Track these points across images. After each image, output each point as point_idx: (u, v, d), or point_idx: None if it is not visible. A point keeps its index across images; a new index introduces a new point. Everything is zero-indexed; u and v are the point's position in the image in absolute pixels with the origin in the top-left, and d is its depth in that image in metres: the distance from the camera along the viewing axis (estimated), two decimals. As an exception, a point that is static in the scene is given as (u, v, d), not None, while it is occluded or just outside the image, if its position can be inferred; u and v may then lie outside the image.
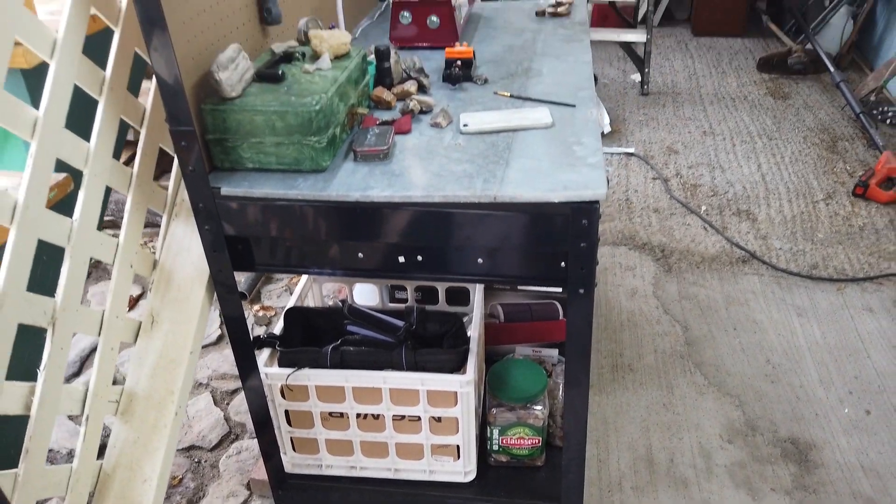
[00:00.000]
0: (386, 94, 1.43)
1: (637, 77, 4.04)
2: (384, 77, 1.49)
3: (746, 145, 3.31)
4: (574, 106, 1.40)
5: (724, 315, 2.23)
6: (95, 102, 1.10)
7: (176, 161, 1.25)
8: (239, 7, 1.29)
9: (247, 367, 1.37)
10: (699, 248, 2.57)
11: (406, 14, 1.76)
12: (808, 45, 3.99)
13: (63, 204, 1.10)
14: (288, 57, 1.30)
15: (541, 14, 2.02)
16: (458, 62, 1.57)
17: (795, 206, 2.81)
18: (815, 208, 2.79)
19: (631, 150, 3.31)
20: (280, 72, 1.21)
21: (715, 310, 2.25)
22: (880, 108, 3.40)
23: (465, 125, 1.33)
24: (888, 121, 3.35)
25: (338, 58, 1.33)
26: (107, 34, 1.13)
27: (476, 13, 2.08)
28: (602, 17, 4.58)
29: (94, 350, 1.24)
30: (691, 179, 3.05)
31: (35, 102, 1.01)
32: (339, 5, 1.54)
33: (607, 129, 3.49)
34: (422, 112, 1.42)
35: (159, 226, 1.38)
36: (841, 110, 3.58)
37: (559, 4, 2.04)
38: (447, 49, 1.58)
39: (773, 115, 3.59)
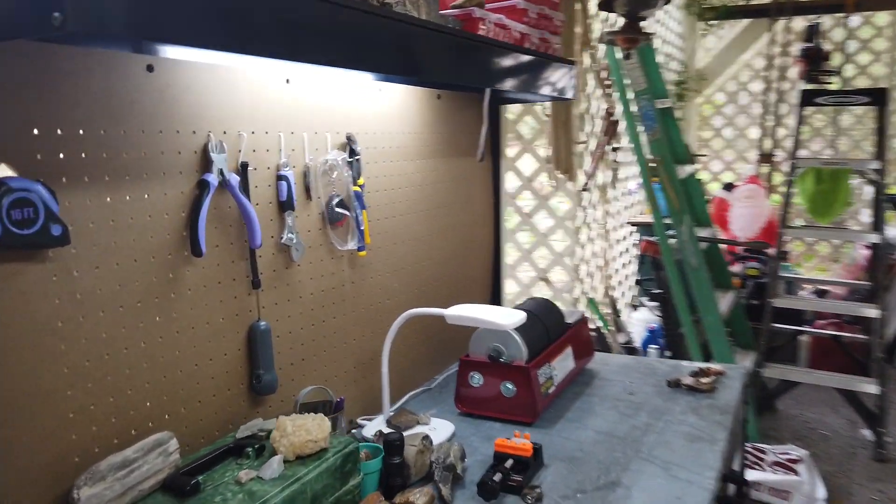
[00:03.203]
0: (377, 509, 1.03)
1: (868, 433, 3.12)
2: (393, 475, 1.10)
3: None
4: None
5: None
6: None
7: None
8: (218, 373, 1.05)
9: None
10: None
11: (475, 375, 1.41)
12: None
13: None
14: (239, 450, 0.99)
15: (674, 384, 1.53)
16: (509, 462, 1.14)
17: None
18: None
19: (856, 547, 2.38)
20: (195, 481, 0.89)
21: None
22: None
23: None
24: None
25: (309, 457, 0.99)
26: None
27: (591, 369, 1.66)
28: (822, 353, 3.82)
29: None
30: None
31: None
32: (384, 374, 1.24)
33: (821, 505, 2.61)
34: (418, 546, 0.98)
35: None
36: None
37: (703, 373, 1.55)
38: (497, 441, 1.17)
39: None
